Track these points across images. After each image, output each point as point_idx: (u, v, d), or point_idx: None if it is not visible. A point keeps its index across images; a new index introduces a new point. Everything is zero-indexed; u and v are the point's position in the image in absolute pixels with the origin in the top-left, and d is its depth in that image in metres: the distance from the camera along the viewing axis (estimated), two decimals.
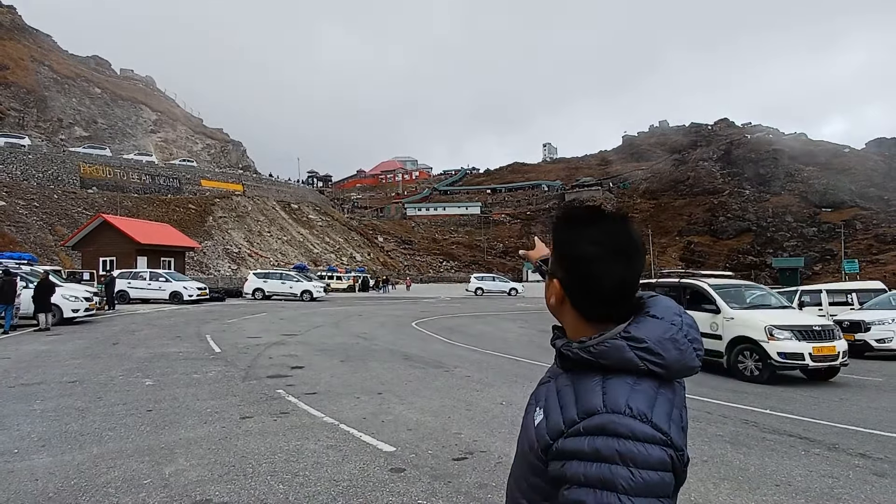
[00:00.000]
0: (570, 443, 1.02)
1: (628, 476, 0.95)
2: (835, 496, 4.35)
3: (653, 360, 1.04)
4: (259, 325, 17.85)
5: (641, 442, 0.98)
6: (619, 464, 0.96)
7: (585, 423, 1.01)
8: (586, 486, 0.98)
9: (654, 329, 1.06)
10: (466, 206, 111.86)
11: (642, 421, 0.99)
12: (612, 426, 0.99)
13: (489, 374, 9.73)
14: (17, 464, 4.81)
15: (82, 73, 72.74)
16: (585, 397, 1.04)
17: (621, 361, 1.05)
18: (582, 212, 1.15)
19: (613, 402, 1.01)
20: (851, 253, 57.97)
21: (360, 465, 4.87)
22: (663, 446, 0.98)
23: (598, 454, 0.98)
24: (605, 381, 1.05)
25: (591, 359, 1.07)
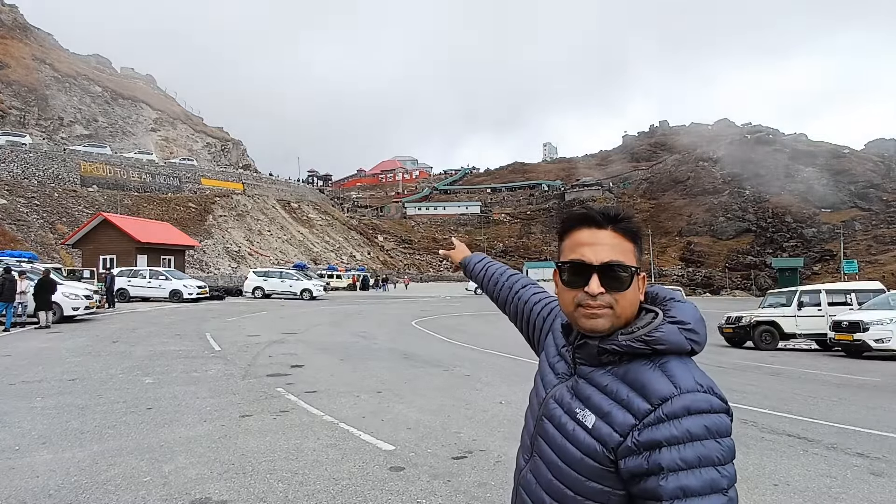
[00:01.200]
0: (654, 432, 1.02)
1: (718, 448, 1.01)
2: (833, 496, 4.36)
3: (695, 340, 1.12)
4: (259, 323, 17.86)
5: (718, 413, 1.04)
6: (709, 438, 1.01)
7: (666, 409, 1.03)
8: (686, 469, 0.99)
9: (689, 312, 1.15)
10: (466, 206, 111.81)
11: (712, 394, 1.05)
12: (695, 405, 1.03)
13: (489, 373, 9.74)
14: (17, 461, 4.82)
15: (83, 71, 72.69)
16: (651, 385, 1.06)
17: (675, 344, 1.10)
18: (582, 213, 1.23)
19: (685, 383, 1.05)
20: (850, 253, 57.97)
21: (360, 464, 4.89)
22: (726, 414, 1.06)
23: (690, 434, 1.01)
24: (663, 366, 1.09)
25: (645, 347, 1.10)
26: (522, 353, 12.14)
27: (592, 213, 1.20)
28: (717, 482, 1.00)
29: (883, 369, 11.38)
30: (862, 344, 13.00)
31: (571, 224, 1.22)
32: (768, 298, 16.98)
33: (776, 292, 17.64)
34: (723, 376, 10.23)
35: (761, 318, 15.48)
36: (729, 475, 1.02)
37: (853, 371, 11.13)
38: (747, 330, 15.59)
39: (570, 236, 1.21)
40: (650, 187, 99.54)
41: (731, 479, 1.02)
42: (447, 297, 40.52)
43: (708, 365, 11.63)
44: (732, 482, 1.03)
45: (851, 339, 13.18)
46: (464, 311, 26.10)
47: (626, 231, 1.18)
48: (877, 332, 12.82)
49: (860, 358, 13.07)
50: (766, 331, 15.29)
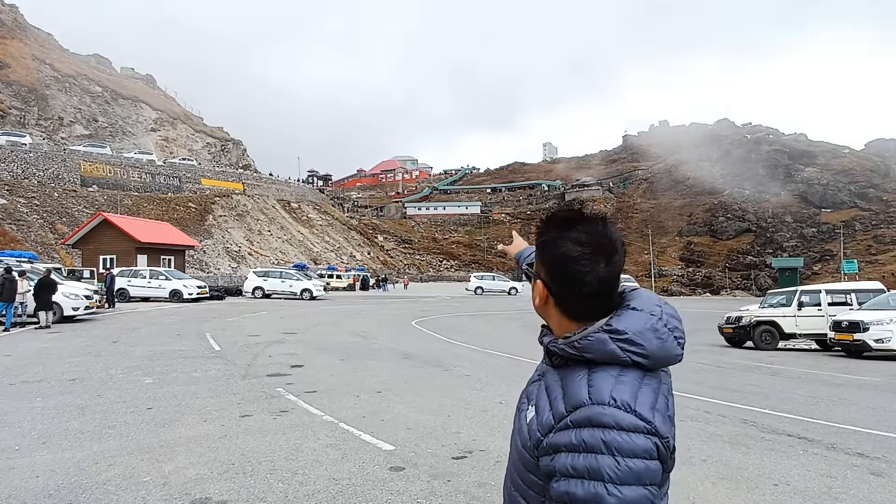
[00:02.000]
0: (559, 437, 1.05)
1: (614, 465, 0.99)
2: (833, 496, 4.36)
3: (635, 351, 1.07)
4: (259, 323, 17.86)
5: (626, 431, 1.01)
6: (604, 453, 0.99)
7: (573, 417, 1.04)
8: (574, 477, 1.01)
9: (634, 320, 1.10)
10: (466, 206, 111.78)
11: (626, 411, 1.02)
12: (597, 417, 1.02)
13: (488, 373, 9.74)
14: (18, 461, 4.82)
15: (83, 71, 72.68)
16: (572, 391, 1.07)
17: (604, 354, 1.08)
18: (564, 214, 1.19)
19: (598, 395, 1.04)
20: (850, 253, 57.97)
21: (360, 464, 4.89)
22: (648, 434, 1.01)
23: (585, 445, 1.01)
24: (591, 375, 1.08)
25: (576, 353, 1.10)
26: (522, 353, 12.13)
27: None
28: (601, 498, 0.98)
29: (883, 369, 11.37)
30: (862, 344, 12.99)
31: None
32: (768, 298, 16.98)
33: (776, 292, 17.64)
34: (723, 376, 10.23)
35: (761, 318, 15.48)
36: (620, 496, 0.97)
37: (853, 371, 11.12)
38: (747, 330, 15.59)
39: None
40: (650, 187, 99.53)
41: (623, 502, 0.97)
42: (447, 297, 40.54)
43: (708, 365, 11.63)
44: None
45: (851, 339, 13.17)
46: (464, 311, 26.10)
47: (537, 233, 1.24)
48: (877, 332, 12.81)
49: (860, 358, 13.06)
50: (766, 331, 15.28)
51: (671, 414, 1.10)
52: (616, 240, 1.15)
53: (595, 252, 1.12)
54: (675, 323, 1.14)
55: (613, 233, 1.16)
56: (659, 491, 1.03)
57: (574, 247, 1.12)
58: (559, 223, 1.17)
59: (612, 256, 1.13)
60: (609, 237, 1.14)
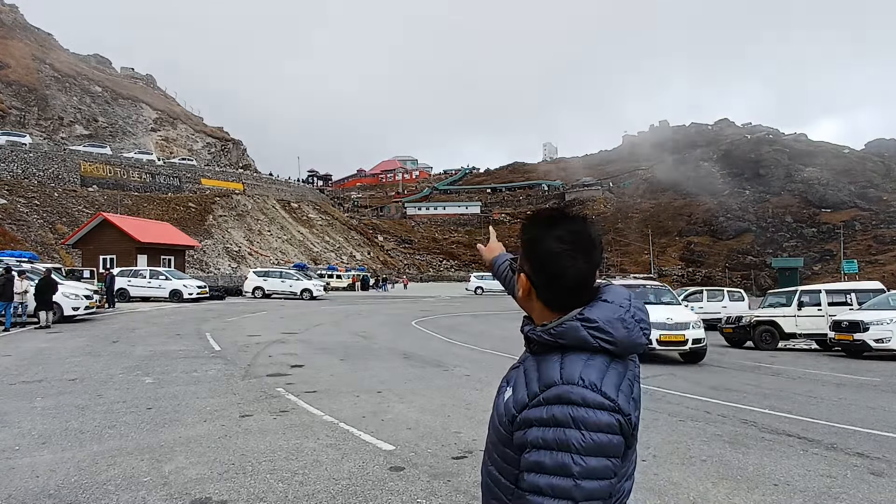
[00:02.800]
0: (532, 412, 1.15)
1: (580, 437, 1.09)
2: (833, 495, 4.36)
3: (603, 338, 1.17)
4: (259, 323, 17.86)
5: (592, 408, 1.10)
6: (571, 427, 1.09)
7: (545, 394, 1.14)
8: (544, 449, 1.11)
9: (604, 311, 1.20)
10: (466, 206, 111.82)
11: (593, 390, 1.12)
12: (566, 395, 1.12)
13: (489, 373, 9.74)
14: (18, 461, 4.82)
15: (83, 71, 72.71)
16: (546, 373, 1.18)
17: (576, 340, 1.18)
18: (547, 213, 1.29)
19: (569, 375, 1.14)
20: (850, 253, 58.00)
21: (360, 464, 4.89)
22: (611, 412, 1.11)
23: (555, 419, 1.11)
24: (563, 358, 1.18)
25: (552, 340, 1.20)
26: None
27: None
28: (568, 467, 1.08)
29: (883, 369, 11.37)
30: (862, 344, 12.99)
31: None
32: (768, 298, 16.98)
33: (776, 292, 17.64)
34: (723, 376, 10.23)
35: (761, 318, 15.48)
36: (584, 465, 1.08)
37: (853, 371, 11.13)
38: (747, 330, 15.59)
39: None
40: (650, 187, 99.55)
41: (587, 471, 1.08)
42: (447, 297, 40.54)
43: (708, 365, 11.63)
44: (588, 475, 1.08)
45: (851, 339, 13.18)
46: (464, 311, 26.11)
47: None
48: (877, 332, 12.81)
49: (860, 358, 13.06)
50: (766, 331, 15.28)
51: (636, 397, 1.21)
52: (595, 238, 1.25)
53: (575, 249, 1.21)
54: (642, 315, 1.24)
55: (592, 231, 1.26)
56: (622, 463, 1.14)
57: (556, 244, 1.22)
58: (543, 222, 1.27)
59: (591, 253, 1.23)
60: (588, 235, 1.24)
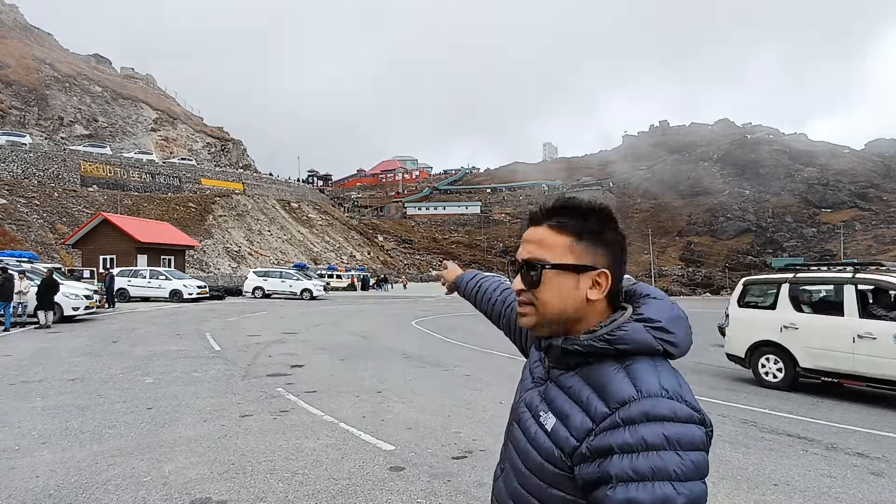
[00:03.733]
0: (608, 438, 0.95)
1: (678, 461, 0.91)
2: (833, 495, 4.37)
3: (667, 340, 1.03)
4: (259, 323, 17.86)
5: (684, 423, 0.94)
6: (667, 449, 0.91)
7: (623, 413, 0.95)
8: (637, 481, 0.91)
9: (662, 309, 1.06)
10: (466, 206, 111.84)
11: (679, 401, 0.96)
12: (654, 410, 0.94)
13: (489, 373, 9.74)
14: (18, 461, 4.82)
15: (83, 71, 72.70)
16: (612, 387, 0.99)
17: (641, 344, 1.02)
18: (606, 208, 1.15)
19: (648, 386, 0.96)
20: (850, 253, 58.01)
21: (360, 464, 4.89)
22: (700, 424, 0.96)
23: (645, 443, 0.92)
24: (628, 367, 1.01)
25: (608, 346, 1.03)
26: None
27: (535, 210, 1.16)
28: (671, 499, 0.89)
29: None
30: None
31: (526, 223, 1.20)
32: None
33: None
34: (723, 376, 10.23)
35: None
36: (688, 494, 0.90)
37: None
38: None
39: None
40: (650, 187, 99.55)
41: (692, 498, 0.90)
42: (447, 297, 40.51)
43: (707, 365, 11.62)
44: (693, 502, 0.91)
45: None
46: (464, 311, 26.10)
47: (560, 225, 1.10)
48: None
49: None
50: None
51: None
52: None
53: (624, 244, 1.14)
54: (685, 313, 1.12)
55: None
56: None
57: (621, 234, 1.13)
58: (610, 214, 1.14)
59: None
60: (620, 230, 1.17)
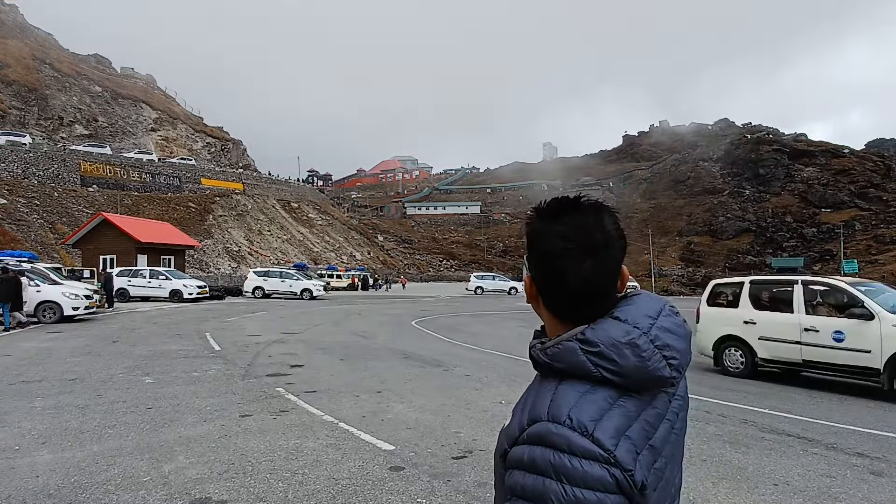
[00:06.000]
0: (516, 451, 0.95)
1: (559, 492, 0.87)
2: (832, 495, 4.37)
3: (605, 367, 0.95)
4: (259, 323, 17.86)
5: (577, 457, 0.88)
6: (552, 478, 0.88)
7: (529, 431, 0.94)
8: (522, 499, 0.91)
9: (611, 332, 0.96)
10: (466, 206, 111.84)
11: (582, 434, 0.89)
12: (549, 436, 0.91)
13: (489, 373, 9.74)
14: (18, 460, 4.82)
15: (83, 71, 72.69)
16: (536, 403, 0.97)
17: (574, 365, 0.96)
18: (554, 203, 1.05)
19: (555, 411, 0.93)
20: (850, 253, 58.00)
21: (360, 464, 4.89)
22: (604, 464, 0.88)
23: (534, 465, 0.91)
24: (558, 387, 0.97)
25: (547, 361, 1.00)
26: (522, 353, 12.13)
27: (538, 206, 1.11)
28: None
29: None
30: None
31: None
32: None
33: None
34: (723, 376, 10.23)
35: None
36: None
37: None
38: None
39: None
40: (650, 187, 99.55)
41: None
42: (447, 297, 40.53)
43: (708, 365, 11.62)
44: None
45: None
46: (464, 311, 26.09)
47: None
48: None
49: None
50: None
51: (655, 444, 0.96)
52: (610, 234, 1.01)
53: (579, 248, 0.98)
54: (668, 339, 0.98)
55: (608, 225, 1.02)
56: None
57: (557, 241, 0.99)
58: (547, 213, 1.04)
59: (599, 253, 0.99)
60: (601, 230, 1.00)
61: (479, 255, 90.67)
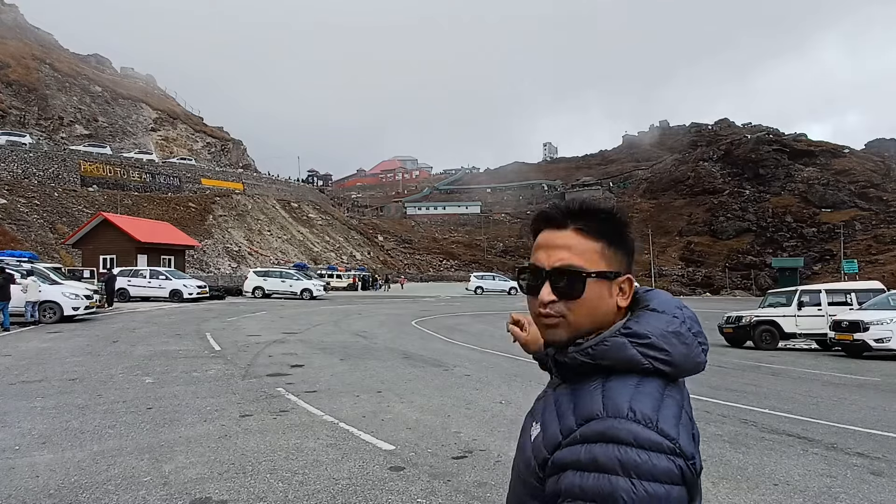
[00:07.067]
0: (567, 453, 0.92)
1: (629, 488, 0.84)
2: (833, 495, 4.37)
3: (657, 357, 0.96)
4: (259, 323, 17.86)
5: (645, 450, 0.87)
6: (619, 474, 0.85)
7: (583, 430, 0.92)
8: (582, 500, 0.87)
9: (655, 323, 0.98)
10: (466, 206, 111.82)
11: (647, 426, 0.88)
12: (612, 431, 0.89)
13: (488, 372, 9.75)
14: (18, 460, 4.82)
15: (83, 71, 72.67)
16: (584, 403, 0.95)
17: (623, 361, 0.96)
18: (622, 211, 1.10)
19: (614, 406, 0.91)
20: (850, 253, 57.95)
21: (360, 464, 4.89)
22: (671, 455, 0.87)
23: (597, 463, 0.87)
24: (606, 384, 0.96)
25: (591, 361, 0.98)
26: (522, 353, 12.07)
27: (553, 211, 1.08)
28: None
29: (883, 369, 11.37)
30: (862, 344, 12.99)
31: (536, 225, 1.10)
32: (768, 298, 16.98)
33: (776, 292, 17.63)
34: (723, 376, 10.23)
35: (761, 318, 15.48)
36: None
37: (853, 371, 11.13)
38: (747, 330, 15.59)
39: (536, 238, 1.10)
40: (650, 187, 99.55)
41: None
42: (447, 296, 40.53)
43: (708, 365, 11.59)
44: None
45: (851, 338, 13.17)
46: (464, 311, 26.10)
47: (589, 229, 1.04)
48: (877, 331, 12.81)
49: (860, 358, 13.06)
50: (766, 330, 15.28)
51: (696, 432, 0.98)
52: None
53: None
54: (698, 328, 1.02)
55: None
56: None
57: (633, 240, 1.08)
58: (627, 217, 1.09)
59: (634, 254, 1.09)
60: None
61: (479, 255, 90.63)
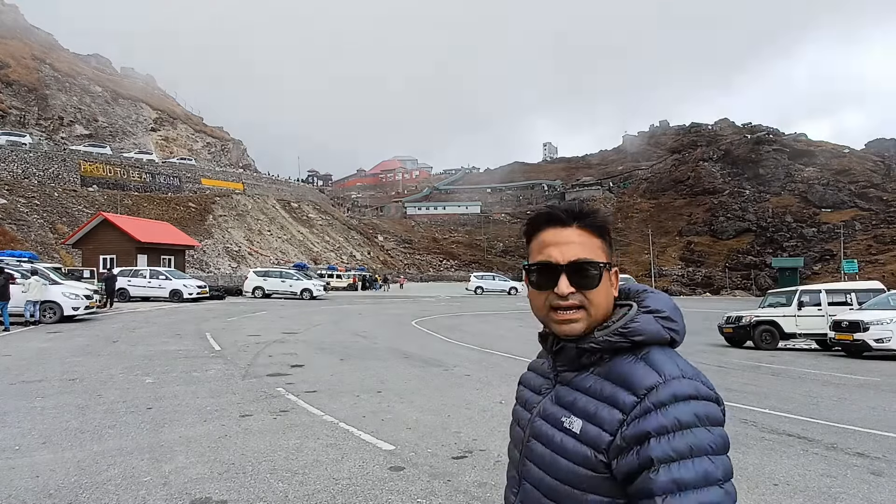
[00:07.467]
0: (643, 424, 0.97)
1: (710, 437, 0.96)
2: (832, 495, 4.37)
3: (672, 328, 1.10)
4: (259, 323, 17.86)
5: (706, 400, 0.99)
6: (699, 426, 0.96)
7: (652, 398, 0.98)
8: (678, 460, 0.93)
9: (663, 300, 1.15)
10: (466, 206, 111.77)
11: (697, 380, 1.01)
12: (681, 391, 0.98)
13: (489, 372, 9.75)
14: (18, 460, 4.82)
15: (83, 71, 72.69)
16: (635, 377, 1.02)
17: (652, 333, 1.07)
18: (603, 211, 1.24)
19: (669, 370, 1.02)
20: (851, 253, 57.93)
21: (360, 464, 4.89)
22: (716, 403, 1.01)
23: (679, 422, 0.95)
24: (645, 357, 1.06)
25: (623, 340, 1.07)
26: (522, 353, 12.14)
27: (556, 211, 1.16)
28: (712, 473, 0.94)
29: (883, 369, 11.37)
30: (862, 344, 12.98)
31: (537, 225, 1.18)
32: (768, 298, 16.97)
33: (776, 292, 17.62)
34: (723, 376, 10.23)
35: (761, 318, 15.47)
36: (723, 467, 0.96)
37: (853, 371, 11.12)
38: (747, 330, 15.58)
39: (536, 237, 1.17)
40: (650, 187, 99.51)
41: (726, 470, 0.96)
42: (447, 296, 40.52)
43: (708, 365, 11.63)
44: (728, 475, 0.96)
45: (851, 338, 13.17)
46: (464, 311, 26.09)
47: (592, 227, 1.15)
48: (877, 331, 12.81)
49: (860, 358, 13.06)
50: (766, 331, 15.27)
51: None
52: None
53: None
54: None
55: None
56: None
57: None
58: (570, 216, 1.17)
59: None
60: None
61: (479, 255, 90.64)
